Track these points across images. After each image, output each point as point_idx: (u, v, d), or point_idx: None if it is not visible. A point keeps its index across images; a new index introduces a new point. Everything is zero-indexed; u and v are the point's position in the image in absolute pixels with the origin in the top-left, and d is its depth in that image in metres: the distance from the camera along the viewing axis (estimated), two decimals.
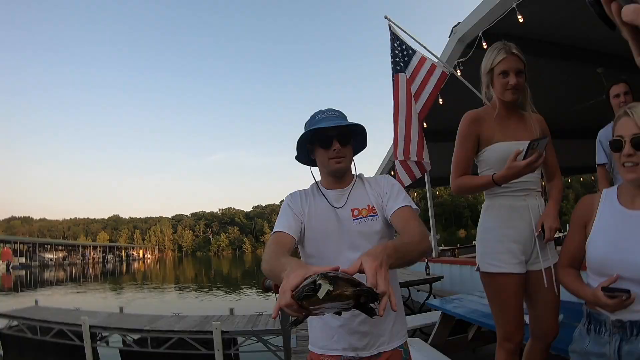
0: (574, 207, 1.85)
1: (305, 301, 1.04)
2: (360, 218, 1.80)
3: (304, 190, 1.97)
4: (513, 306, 2.26)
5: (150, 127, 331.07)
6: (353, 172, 1.96)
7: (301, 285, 1.06)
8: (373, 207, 1.83)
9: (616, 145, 1.59)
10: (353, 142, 1.90)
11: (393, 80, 5.39)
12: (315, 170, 1.96)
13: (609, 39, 6.05)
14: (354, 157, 1.96)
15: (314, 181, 1.97)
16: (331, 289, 1.01)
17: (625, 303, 1.47)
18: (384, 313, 1.08)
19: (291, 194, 1.96)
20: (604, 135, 3.59)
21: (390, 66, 5.52)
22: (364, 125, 1.87)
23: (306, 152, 1.93)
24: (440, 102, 6.03)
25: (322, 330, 1.84)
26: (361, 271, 1.14)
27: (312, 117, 1.86)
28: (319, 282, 1.02)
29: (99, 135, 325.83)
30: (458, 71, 5.88)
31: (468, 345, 4.68)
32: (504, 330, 2.33)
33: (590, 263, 1.68)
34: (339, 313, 1.22)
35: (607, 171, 3.59)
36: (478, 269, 2.38)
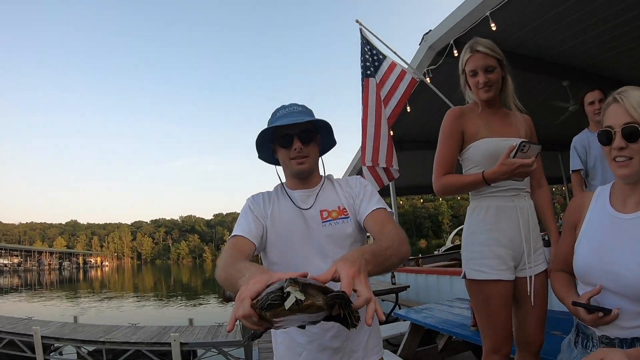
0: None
1: (269, 312, 0.88)
2: (330, 220, 1.65)
3: (268, 192, 1.80)
4: (502, 316, 2.11)
5: (110, 131, 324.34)
6: (321, 173, 1.81)
7: (264, 293, 0.91)
8: (344, 209, 1.67)
9: (605, 137, 1.38)
10: (319, 140, 1.75)
11: (362, 84, 5.29)
12: (281, 170, 1.80)
13: (576, 54, 6.19)
14: (323, 157, 1.82)
15: (279, 182, 1.80)
16: (302, 298, 0.87)
17: (604, 320, 1.32)
18: (367, 323, 0.94)
19: (253, 195, 1.79)
20: (579, 141, 3.61)
21: (360, 70, 5.42)
22: (328, 121, 1.70)
23: (270, 150, 1.77)
24: (408, 110, 5.97)
25: (288, 347, 1.65)
26: (335, 279, 0.99)
27: (274, 114, 1.71)
28: (288, 289, 0.87)
29: (57, 136, 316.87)
30: (428, 79, 5.86)
31: (438, 356, 4.58)
32: (491, 342, 2.16)
33: (575, 270, 1.51)
34: (302, 327, 1.07)
35: (582, 178, 3.60)
36: (464, 276, 2.23)
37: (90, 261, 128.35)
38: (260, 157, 1.80)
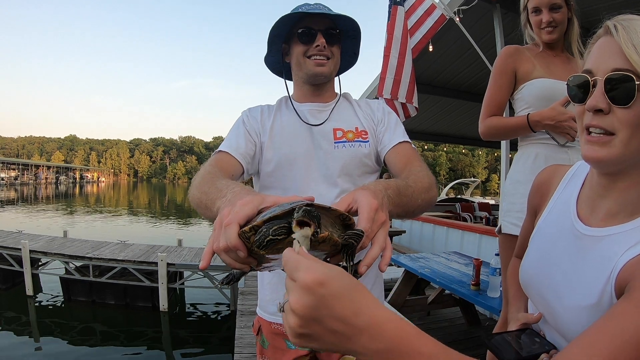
0: None
1: (267, 249, 0.63)
2: (345, 142, 1.37)
3: (268, 105, 1.49)
4: None
5: (114, 46, 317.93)
6: (336, 90, 1.52)
7: (260, 222, 0.64)
8: (364, 130, 1.40)
9: (578, 89, 0.83)
10: (342, 47, 1.44)
11: (389, 11, 4.84)
12: (290, 84, 1.50)
13: None
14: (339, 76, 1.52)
15: (287, 94, 1.49)
16: (316, 230, 0.62)
17: None
18: (382, 269, 0.77)
19: (249, 108, 1.48)
20: None
21: None
22: (359, 26, 1.41)
23: (280, 54, 1.45)
24: (430, 49, 5.54)
25: (275, 289, 1.40)
26: (350, 212, 0.76)
27: (295, 10, 1.38)
28: (300, 217, 0.61)
29: (58, 47, 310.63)
30: (457, 18, 5.40)
31: (426, 307, 4.48)
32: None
33: (519, 275, 1.05)
34: None
35: None
36: (499, 231, 1.99)
37: (87, 176, 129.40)
38: (267, 60, 1.48)
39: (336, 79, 1.50)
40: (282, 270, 0.66)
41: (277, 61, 1.48)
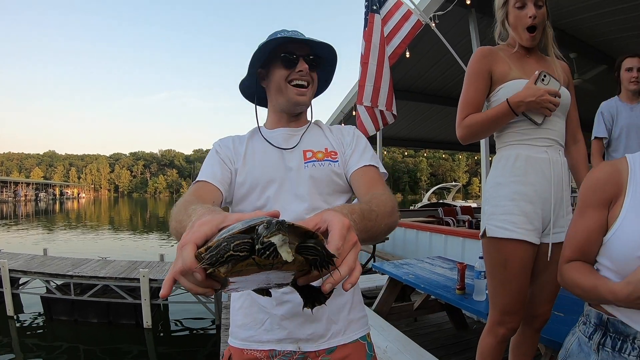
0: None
1: (225, 267, 0.57)
2: (314, 161, 1.36)
3: (238, 135, 1.49)
4: (518, 283, 1.86)
5: (92, 57, 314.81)
6: (308, 117, 1.53)
7: (222, 238, 0.58)
8: (333, 151, 1.40)
9: None
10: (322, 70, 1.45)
11: (366, 19, 4.87)
12: (260, 110, 1.48)
13: (588, 27, 5.82)
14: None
15: (257, 125, 1.48)
16: (290, 255, 0.57)
17: None
18: (345, 287, 0.67)
19: (220, 139, 1.47)
20: (607, 107, 3.36)
21: (364, 3, 4.97)
22: (336, 53, 1.43)
23: (255, 78, 1.43)
24: (407, 55, 5.61)
25: (247, 313, 1.34)
26: (318, 232, 0.69)
27: (272, 35, 1.36)
28: (272, 237, 0.56)
29: (35, 60, 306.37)
30: (433, 24, 5.46)
31: (412, 313, 4.47)
32: (500, 313, 1.93)
33: (613, 258, 1.12)
34: (264, 292, 0.78)
35: (603, 146, 3.37)
36: (483, 235, 1.96)
37: (67, 192, 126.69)
38: (242, 86, 1.48)
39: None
40: (253, 291, 0.63)
41: (251, 85, 1.47)
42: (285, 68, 1.35)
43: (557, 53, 1.96)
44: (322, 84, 1.53)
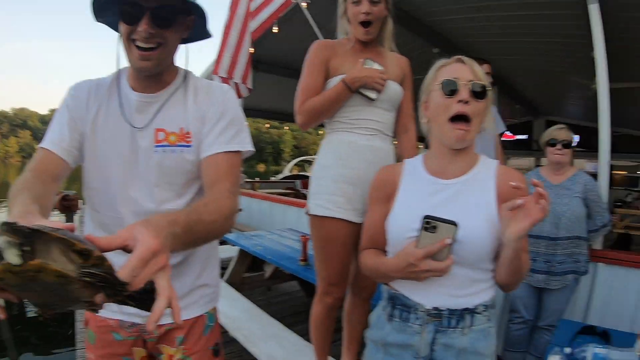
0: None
1: None
2: (165, 146, 1.22)
3: (100, 80, 1.28)
4: (340, 258, 2.04)
5: None
6: (180, 65, 1.31)
7: None
8: (188, 132, 1.24)
9: (452, 86, 1.23)
10: (190, 23, 1.23)
11: None
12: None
13: (455, 28, 6.32)
14: (190, 45, 1.32)
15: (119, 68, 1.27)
16: (18, 258, 0.56)
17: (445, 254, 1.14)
18: (149, 328, 0.69)
19: (77, 84, 1.28)
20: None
21: None
22: (202, 7, 1.19)
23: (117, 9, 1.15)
24: (275, 30, 5.65)
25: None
26: (127, 249, 0.71)
27: None
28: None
29: None
30: (304, 3, 5.49)
31: (264, 282, 4.64)
32: (325, 283, 2.11)
33: (392, 243, 1.34)
34: (88, 307, 0.70)
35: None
36: (307, 212, 2.11)
37: None
38: (99, 19, 1.21)
39: (183, 47, 1.28)
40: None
41: (115, 18, 1.17)
42: (124, 22, 1.12)
43: (393, 48, 2.12)
44: (201, 30, 1.29)
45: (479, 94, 1.23)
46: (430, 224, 1.13)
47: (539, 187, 1.05)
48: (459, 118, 1.23)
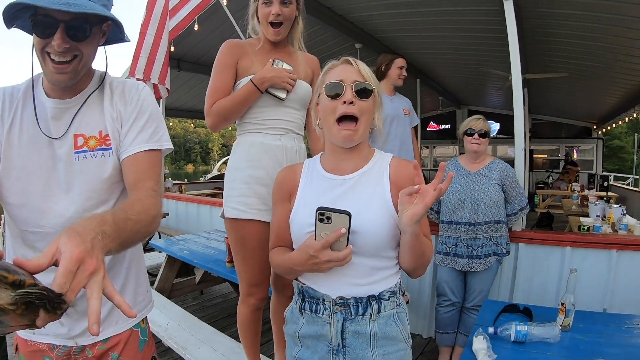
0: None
1: None
2: (86, 151, 1.19)
3: (14, 88, 1.23)
4: (258, 258, 2.04)
5: None
6: (99, 68, 1.28)
7: None
8: (107, 135, 1.21)
9: (336, 88, 1.28)
10: (99, 33, 1.17)
11: None
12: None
13: (376, 25, 6.46)
14: (107, 47, 1.27)
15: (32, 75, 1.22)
16: None
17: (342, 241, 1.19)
18: (93, 331, 0.67)
19: None
20: None
21: None
22: (119, 21, 1.16)
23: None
24: (196, 28, 5.54)
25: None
26: (57, 264, 0.69)
27: None
28: None
29: None
30: (225, 1, 5.41)
31: (196, 287, 4.57)
32: (247, 285, 2.12)
33: (294, 239, 1.39)
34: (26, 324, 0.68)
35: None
36: (222, 215, 2.11)
37: None
38: (10, 27, 1.13)
39: (101, 49, 1.23)
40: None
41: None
42: (37, 36, 1.07)
43: (302, 47, 2.16)
44: (118, 34, 1.25)
45: (363, 93, 1.28)
46: (324, 214, 1.16)
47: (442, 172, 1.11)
48: (346, 118, 1.28)
